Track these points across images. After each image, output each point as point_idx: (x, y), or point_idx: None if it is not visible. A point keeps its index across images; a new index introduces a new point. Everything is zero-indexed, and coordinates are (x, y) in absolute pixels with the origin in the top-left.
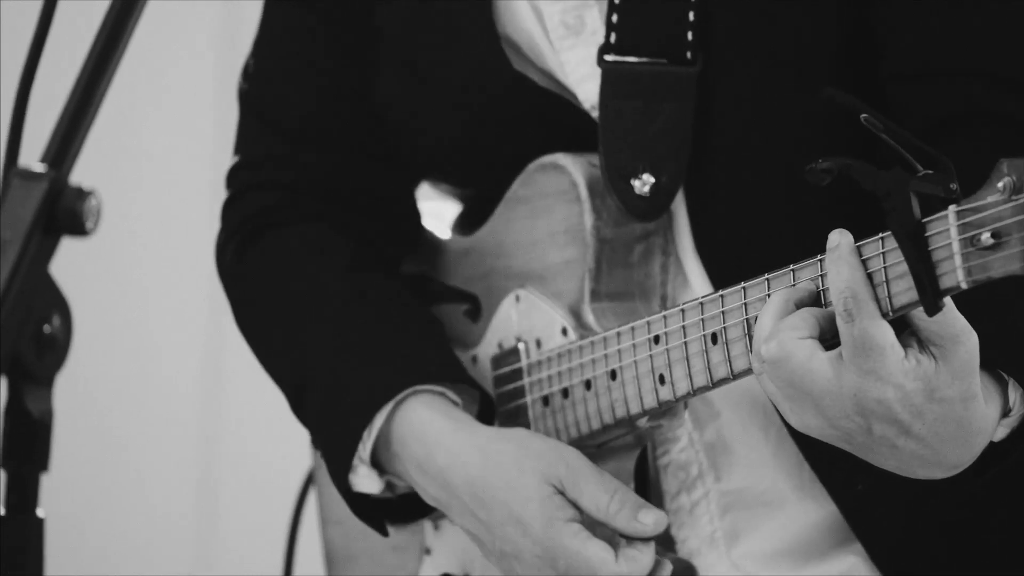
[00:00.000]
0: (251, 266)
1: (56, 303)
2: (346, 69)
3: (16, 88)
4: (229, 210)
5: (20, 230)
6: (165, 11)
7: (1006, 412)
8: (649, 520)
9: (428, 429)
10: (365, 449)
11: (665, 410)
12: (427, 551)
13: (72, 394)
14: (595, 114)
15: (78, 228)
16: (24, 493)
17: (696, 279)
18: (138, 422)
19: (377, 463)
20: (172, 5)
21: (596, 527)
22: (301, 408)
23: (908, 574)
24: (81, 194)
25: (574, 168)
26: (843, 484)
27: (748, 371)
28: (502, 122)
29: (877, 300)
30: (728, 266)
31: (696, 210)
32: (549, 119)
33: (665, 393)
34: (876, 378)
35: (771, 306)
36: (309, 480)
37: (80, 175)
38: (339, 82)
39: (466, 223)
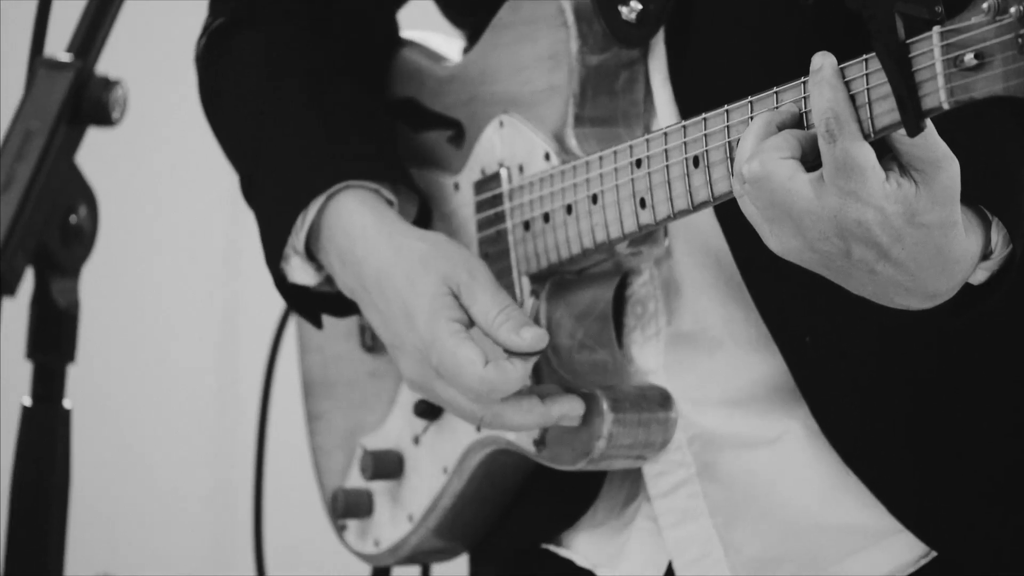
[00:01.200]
0: (220, 60)
1: (82, 193)
2: None
3: None
4: (216, 1)
5: (46, 120)
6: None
7: (987, 255)
8: (528, 335)
9: (354, 221)
10: (298, 240)
11: (645, 235)
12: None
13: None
14: None
15: (104, 118)
16: (51, 384)
17: (664, 109)
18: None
19: (313, 258)
20: None
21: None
22: (249, 194)
23: (850, 437)
24: (107, 84)
25: None
26: (792, 336)
27: (728, 194)
28: None
29: (859, 121)
30: (699, 98)
31: (674, 40)
32: None
33: (645, 217)
34: (856, 199)
35: (753, 128)
36: (288, 313)
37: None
38: None
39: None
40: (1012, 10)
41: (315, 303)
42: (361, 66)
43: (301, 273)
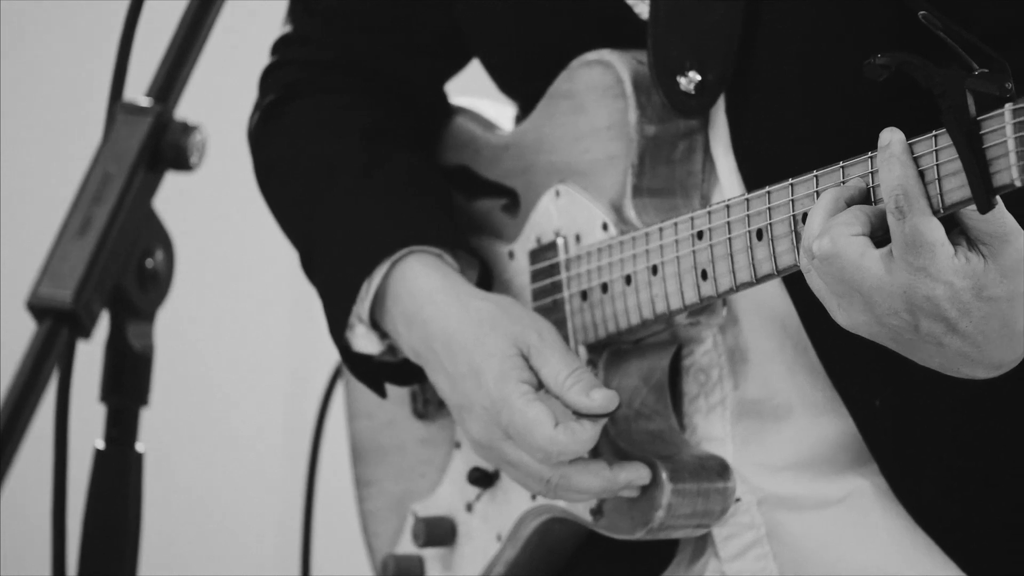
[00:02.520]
0: (274, 132)
1: (159, 238)
2: None
3: (123, 21)
4: (268, 77)
5: (125, 164)
6: None
7: None
8: (598, 396)
9: (420, 284)
10: (363, 307)
11: (704, 306)
12: (457, 445)
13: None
14: (645, 15)
15: (183, 163)
16: (124, 427)
17: (728, 180)
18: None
19: (377, 326)
20: None
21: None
22: (310, 268)
23: (921, 495)
24: (186, 129)
25: (620, 64)
26: (862, 399)
27: (792, 268)
28: (552, 13)
29: (928, 197)
30: (763, 168)
31: (735, 110)
32: (599, 16)
33: (707, 288)
34: (926, 275)
35: (822, 203)
36: (336, 375)
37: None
38: None
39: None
40: None
41: (378, 372)
42: (413, 133)
43: (365, 342)
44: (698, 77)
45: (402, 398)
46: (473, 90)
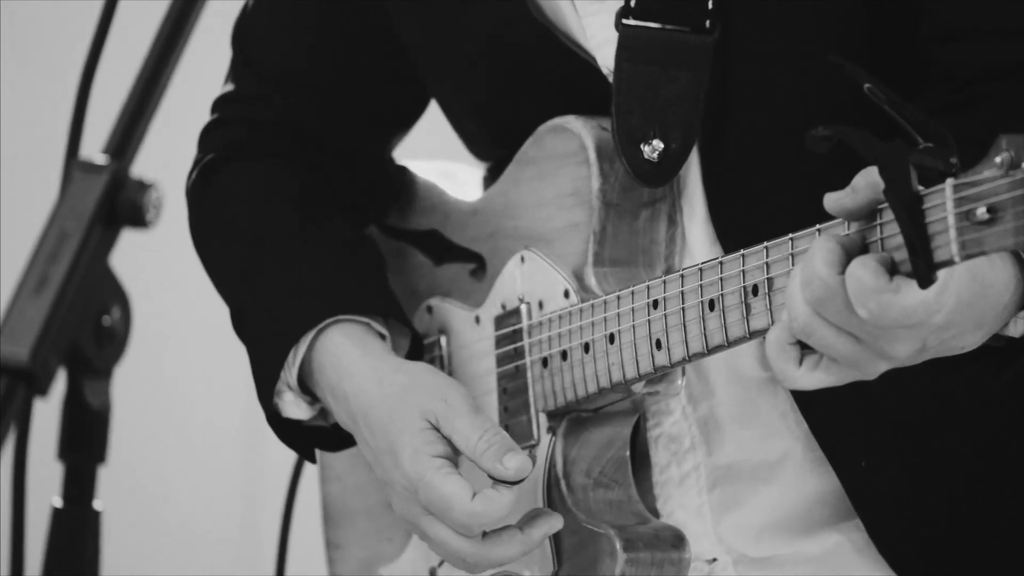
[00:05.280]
0: (211, 192)
1: (115, 295)
2: (338, 21)
3: (78, 79)
4: (208, 136)
5: (81, 221)
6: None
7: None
8: (512, 464)
9: (342, 356)
10: (291, 374)
11: (661, 376)
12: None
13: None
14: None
15: (139, 220)
16: (82, 485)
17: (700, 246)
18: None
19: (307, 391)
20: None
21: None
22: (241, 330)
23: (906, 551)
24: (142, 186)
25: (583, 131)
26: (849, 460)
27: (743, 339)
28: (524, 80)
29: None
30: (742, 233)
31: (711, 178)
32: (569, 80)
33: (661, 358)
34: (906, 329)
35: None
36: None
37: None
38: (328, 37)
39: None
40: None
41: (309, 437)
42: (351, 200)
43: (294, 408)
44: (661, 145)
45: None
46: (448, 154)
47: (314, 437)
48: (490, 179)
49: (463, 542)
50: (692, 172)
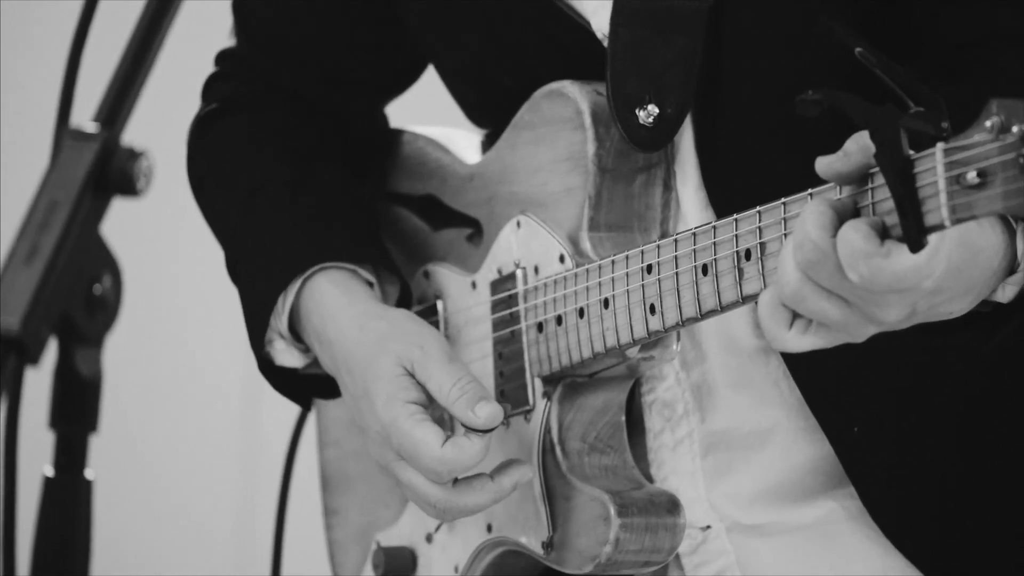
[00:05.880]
0: (208, 143)
1: (106, 263)
2: None
3: (68, 48)
4: (209, 88)
5: (71, 190)
6: None
7: (1013, 268)
8: (483, 413)
9: (327, 302)
10: (281, 322)
11: (656, 341)
12: None
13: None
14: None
15: (129, 188)
16: (73, 454)
17: (693, 212)
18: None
19: (300, 339)
20: None
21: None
22: (234, 276)
23: (899, 517)
24: (133, 154)
25: (579, 95)
26: (841, 427)
27: (736, 303)
28: (519, 45)
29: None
30: (734, 197)
31: (703, 143)
32: (564, 46)
33: (655, 323)
34: (897, 293)
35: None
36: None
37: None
38: (319, 2)
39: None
40: (1014, 130)
41: (305, 386)
42: (344, 155)
43: (287, 356)
44: (656, 110)
45: None
46: (446, 120)
47: (310, 386)
48: (488, 144)
49: (433, 488)
50: (685, 137)
